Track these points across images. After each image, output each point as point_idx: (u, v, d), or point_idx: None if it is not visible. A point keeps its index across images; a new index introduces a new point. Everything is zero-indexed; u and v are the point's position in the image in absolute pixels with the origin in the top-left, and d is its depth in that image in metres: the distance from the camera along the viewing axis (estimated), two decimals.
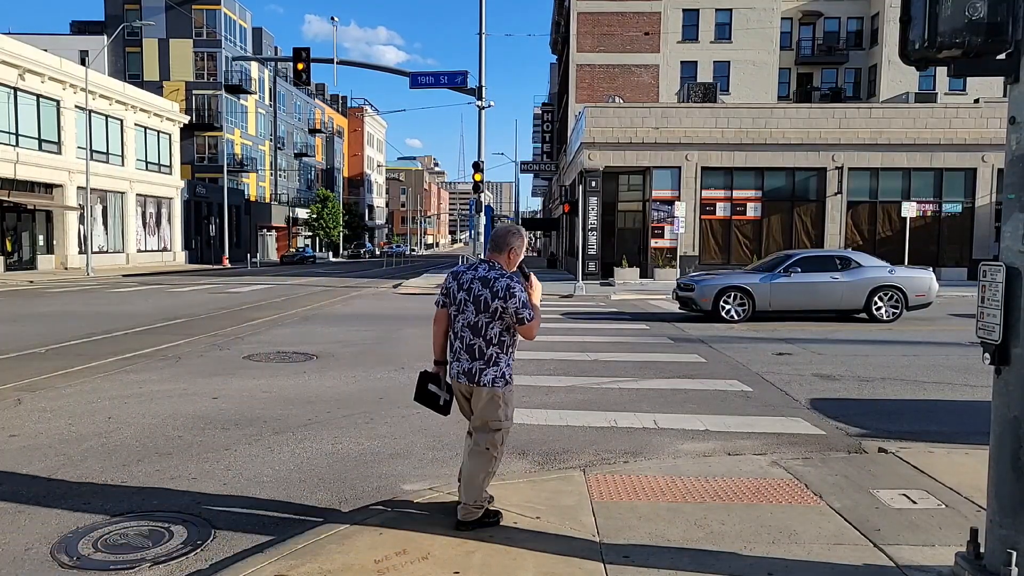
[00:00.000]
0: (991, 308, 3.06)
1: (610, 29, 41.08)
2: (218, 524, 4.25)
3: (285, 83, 66.61)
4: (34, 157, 33.10)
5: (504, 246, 3.92)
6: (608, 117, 28.25)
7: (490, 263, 3.92)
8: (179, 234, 47.53)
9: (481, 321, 3.83)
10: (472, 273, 3.90)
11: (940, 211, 28.19)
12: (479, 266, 3.93)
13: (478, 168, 24.40)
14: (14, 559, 3.80)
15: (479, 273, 3.88)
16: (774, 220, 28.37)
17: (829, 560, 3.62)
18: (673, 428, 6.42)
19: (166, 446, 5.83)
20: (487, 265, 3.91)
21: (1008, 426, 3.05)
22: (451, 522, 4.01)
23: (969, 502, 4.38)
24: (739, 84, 41.28)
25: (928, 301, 14.67)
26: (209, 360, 10.02)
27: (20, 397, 7.55)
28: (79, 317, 15.16)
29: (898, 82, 43.06)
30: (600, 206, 28.28)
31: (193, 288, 24.54)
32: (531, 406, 7.22)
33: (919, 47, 3.07)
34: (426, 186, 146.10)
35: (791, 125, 27.72)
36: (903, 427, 6.50)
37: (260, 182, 63.92)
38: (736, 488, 4.68)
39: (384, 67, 28.95)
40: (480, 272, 3.88)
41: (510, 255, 3.93)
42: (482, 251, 25.33)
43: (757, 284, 14.61)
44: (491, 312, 3.80)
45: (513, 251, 3.94)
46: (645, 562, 3.59)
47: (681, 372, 9.12)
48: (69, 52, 42.80)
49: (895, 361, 9.96)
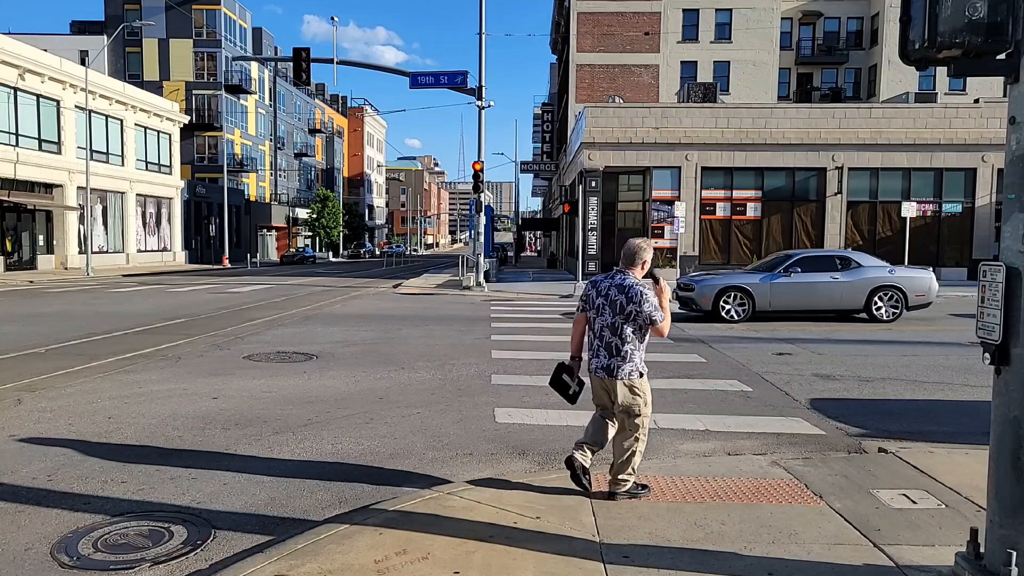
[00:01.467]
0: (991, 308, 3.06)
1: (610, 29, 41.07)
2: (218, 524, 4.25)
3: (285, 83, 66.61)
4: (34, 157, 33.10)
5: (637, 260, 4.49)
6: (608, 117, 28.25)
7: (623, 272, 4.49)
8: (179, 234, 47.53)
9: (617, 322, 4.38)
10: (609, 281, 4.49)
11: (940, 211, 28.18)
12: (615, 275, 4.52)
13: (478, 169, 24.39)
14: (14, 559, 3.80)
15: (615, 281, 4.47)
16: (774, 220, 28.36)
17: (829, 560, 3.62)
18: (673, 428, 6.42)
19: (166, 446, 5.83)
20: (622, 275, 4.48)
21: (1008, 426, 3.05)
22: (452, 522, 4.01)
23: (969, 502, 4.38)
24: (739, 84, 41.27)
25: (928, 301, 14.67)
26: (209, 360, 10.02)
27: (20, 397, 7.55)
28: (79, 317, 15.16)
29: (898, 82, 43.05)
30: (600, 206, 28.28)
31: (193, 288, 24.54)
32: (531, 406, 7.22)
33: (919, 47, 3.07)
34: (426, 186, 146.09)
35: (791, 125, 27.71)
36: (903, 427, 6.50)
37: (260, 182, 63.91)
38: (736, 488, 4.68)
39: (384, 67, 28.97)
40: (616, 280, 4.47)
41: (642, 266, 4.51)
42: (482, 251, 25.36)
43: (757, 284, 14.61)
44: (626, 314, 4.35)
45: (645, 263, 4.52)
46: (645, 562, 3.60)
47: (681, 372, 9.12)
48: (69, 52, 42.82)
49: (895, 361, 9.96)
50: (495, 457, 5.62)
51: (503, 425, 6.52)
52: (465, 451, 5.77)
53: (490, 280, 26.82)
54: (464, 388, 8.14)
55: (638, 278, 4.46)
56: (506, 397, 7.64)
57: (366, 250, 77.55)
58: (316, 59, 25.47)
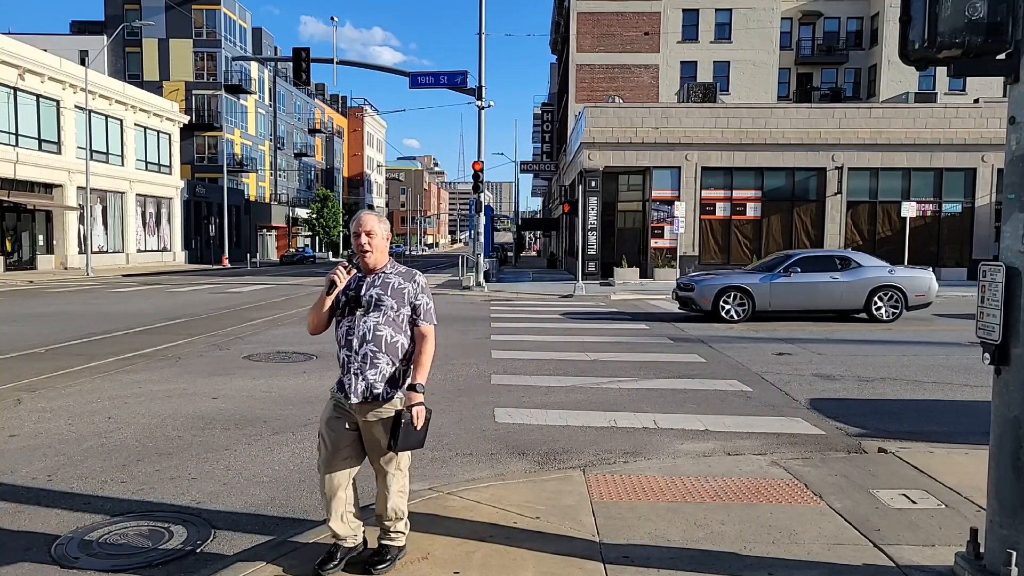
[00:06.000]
0: (991, 308, 3.06)
1: (610, 29, 41.08)
2: (218, 524, 4.25)
3: (285, 83, 66.61)
4: (34, 157, 33.10)
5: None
6: (608, 117, 28.25)
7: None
8: (179, 234, 47.53)
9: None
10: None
11: (940, 211, 28.19)
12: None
13: (478, 169, 24.38)
14: (14, 559, 3.80)
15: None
16: (774, 220, 28.37)
17: (829, 560, 3.62)
18: (673, 428, 6.42)
19: (166, 446, 5.83)
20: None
21: (1008, 426, 3.05)
22: (452, 522, 4.01)
23: (969, 502, 4.38)
24: (739, 84, 41.28)
25: (928, 301, 14.66)
26: (209, 360, 10.01)
27: (20, 397, 7.55)
28: (79, 317, 15.16)
29: (898, 82, 43.06)
30: (600, 206, 28.28)
31: (193, 288, 24.53)
32: (531, 406, 7.22)
33: (919, 47, 3.07)
34: (426, 186, 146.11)
35: (791, 125, 27.72)
36: (903, 427, 6.50)
37: (260, 182, 63.91)
38: (736, 488, 4.68)
39: (384, 67, 28.97)
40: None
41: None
42: (482, 251, 25.35)
43: (757, 284, 14.61)
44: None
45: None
46: (645, 562, 3.59)
47: (681, 372, 9.12)
48: (69, 52, 42.81)
49: (895, 361, 9.96)
50: (495, 457, 5.62)
51: (503, 425, 6.52)
52: (465, 451, 5.76)
53: (490, 280, 26.82)
54: (464, 388, 8.14)
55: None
56: (506, 397, 7.63)
57: None
58: (316, 59, 25.47)
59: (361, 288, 3.38)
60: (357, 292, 3.37)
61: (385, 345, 3.32)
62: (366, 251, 3.35)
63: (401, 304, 3.36)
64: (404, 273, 3.45)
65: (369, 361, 3.31)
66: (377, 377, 3.31)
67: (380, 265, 3.42)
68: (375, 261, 3.39)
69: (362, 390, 3.31)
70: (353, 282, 3.40)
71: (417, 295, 3.40)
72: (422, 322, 3.41)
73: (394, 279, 3.40)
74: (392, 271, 3.44)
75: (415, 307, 3.40)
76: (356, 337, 3.33)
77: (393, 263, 3.48)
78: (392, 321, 3.35)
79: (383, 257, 3.43)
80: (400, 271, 3.45)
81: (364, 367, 3.30)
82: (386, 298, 3.34)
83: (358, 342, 3.32)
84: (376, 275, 3.41)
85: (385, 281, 3.39)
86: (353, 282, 3.40)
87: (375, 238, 3.36)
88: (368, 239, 3.35)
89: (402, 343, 3.38)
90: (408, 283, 3.41)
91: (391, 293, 3.36)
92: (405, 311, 3.38)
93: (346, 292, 3.39)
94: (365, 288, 3.37)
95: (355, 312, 3.36)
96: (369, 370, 3.30)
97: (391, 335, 3.34)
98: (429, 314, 3.43)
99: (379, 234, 3.37)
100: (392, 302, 3.35)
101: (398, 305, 3.35)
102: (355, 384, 3.31)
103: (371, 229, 3.36)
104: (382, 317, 3.33)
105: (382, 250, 3.40)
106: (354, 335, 3.33)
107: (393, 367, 3.35)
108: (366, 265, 3.39)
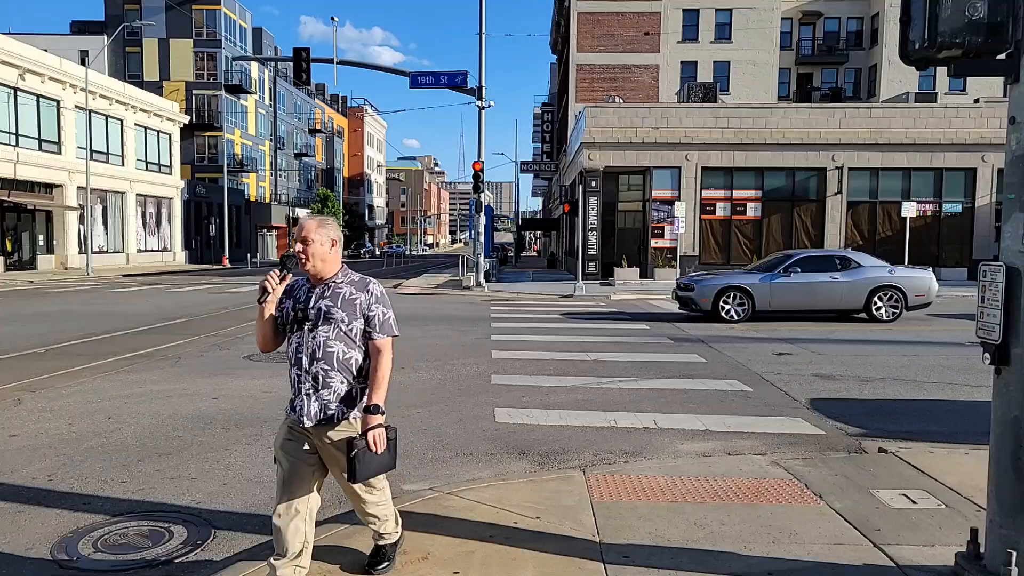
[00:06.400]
0: (991, 308, 3.06)
1: (610, 29, 41.08)
2: (218, 524, 4.25)
3: (285, 83, 66.59)
4: (34, 157, 33.10)
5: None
6: (608, 117, 28.25)
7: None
8: (179, 234, 47.52)
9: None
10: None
11: (940, 211, 28.18)
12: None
13: (478, 169, 24.38)
14: (14, 559, 3.80)
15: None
16: (774, 220, 28.36)
17: (829, 560, 3.62)
18: (673, 428, 6.42)
19: (166, 446, 5.83)
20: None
21: (1008, 426, 3.05)
22: (452, 522, 4.01)
23: (969, 502, 4.38)
24: (739, 84, 41.27)
25: (928, 301, 14.66)
26: (209, 360, 10.02)
27: (20, 397, 7.55)
28: (79, 317, 15.16)
29: (898, 82, 43.05)
30: (600, 206, 28.28)
31: (193, 288, 24.53)
32: (531, 406, 7.22)
33: (919, 47, 3.08)
34: (426, 186, 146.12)
35: (791, 125, 27.71)
36: (903, 427, 6.50)
37: (260, 182, 63.90)
38: (736, 488, 4.68)
39: (384, 67, 28.98)
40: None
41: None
42: (482, 251, 25.36)
43: (757, 284, 14.61)
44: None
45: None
46: (645, 562, 3.59)
47: (681, 372, 9.12)
48: (69, 52, 42.78)
49: (895, 361, 9.96)
50: (495, 457, 5.62)
51: (503, 425, 6.52)
52: (465, 451, 5.77)
53: (490, 280, 26.82)
54: (464, 388, 8.14)
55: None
56: (506, 397, 7.63)
57: (366, 250, 77.56)
58: (316, 59, 25.48)
59: (310, 300, 3.09)
60: (306, 304, 3.09)
61: (337, 362, 3.05)
62: (302, 260, 3.07)
63: (353, 316, 3.07)
64: (357, 282, 3.15)
65: (321, 380, 3.04)
66: (331, 397, 3.05)
67: (328, 274, 3.12)
68: (318, 270, 3.09)
69: (315, 412, 3.04)
70: (303, 294, 3.13)
71: (371, 305, 3.10)
72: (377, 335, 3.09)
73: (345, 289, 3.11)
74: (344, 280, 3.14)
75: (368, 319, 3.09)
76: (306, 354, 3.05)
77: (346, 271, 3.20)
78: (344, 335, 3.06)
79: (329, 266, 3.12)
80: (353, 280, 3.16)
81: (316, 387, 3.04)
82: (336, 310, 3.05)
83: (308, 359, 3.05)
84: (326, 285, 3.12)
85: (335, 292, 3.10)
86: (303, 294, 3.13)
87: (311, 246, 3.05)
88: (304, 247, 3.06)
89: (356, 359, 3.10)
90: (360, 293, 3.11)
91: (341, 305, 3.07)
92: (358, 324, 3.08)
93: (295, 305, 3.11)
94: (314, 300, 3.09)
95: (304, 326, 3.07)
96: (322, 390, 3.04)
97: (343, 351, 3.06)
98: (386, 326, 3.12)
99: (317, 241, 3.06)
100: (342, 314, 3.05)
101: (349, 318, 3.06)
102: (308, 406, 3.05)
103: (306, 236, 3.07)
104: (332, 331, 3.05)
105: (323, 258, 3.09)
106: (303, 352, 3.06)
107: (348, 385, 3.09)
108: (311, 275, 3.12)
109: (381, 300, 3.15)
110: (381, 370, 3.07)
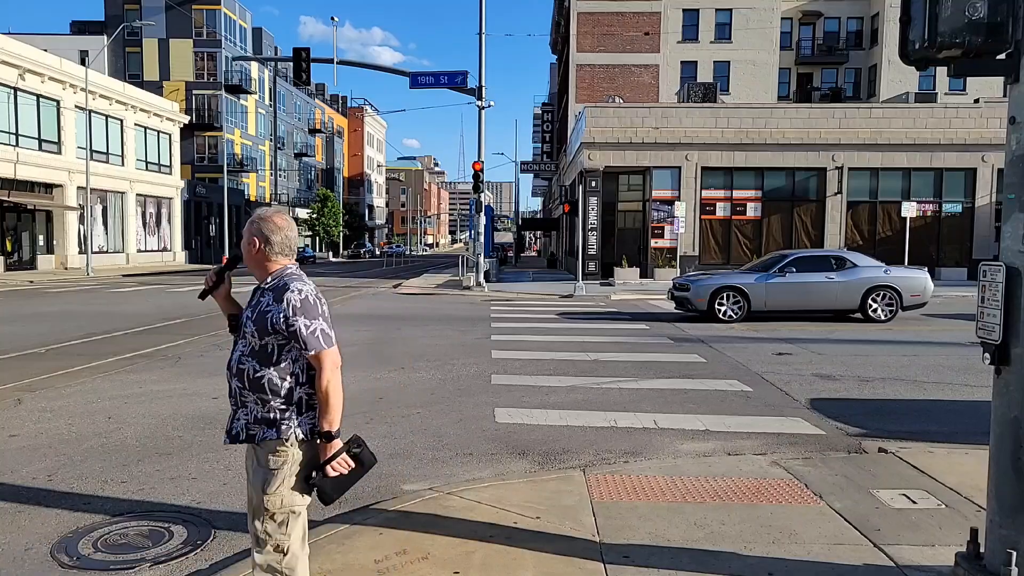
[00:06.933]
0: (991, 308, 3.06)
1: (610, 29, 41.08)
2: (218, 524, 4.25)
3: (285, 83, 66.59)
4: (34, 157, 33.10)
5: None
6: (608, 117, 28.25)
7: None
8: (179, 234, 47.52)
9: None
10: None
11: (940, 211, 28.18)
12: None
13: (478, 169, 24.39)
14: (14, 559, 3.80)
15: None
16: (774, 220, 28.36)
17: (829, 560, 3.62)
18: (673, 428, 6.42)
19: (166, 446, 5.83)
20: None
21: (1008, 426, 3.05)
22: (452, 522, 4.01)
23: (969, 502, 4.38)
24: (739, 84, 41.27)
25: (923, 301, 14.66)
26: (209, 360, 10.02)
27: (20, 397, 7.55)
28: (79, 317, 15.16)
29: (898, 82, 43.05)
30: (600, 206, 28.28)
31: (193, 288, 24.51)
32: (531, 406, 7.22)
33: (919, 47, 3.07)
34: (426, 186, 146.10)
35: (791, 125, 27.72)
36: (903, 427, 6.50)
37: (260, 182, 63.90)
38: (736, 488, 4.68)
39: (384, 67, 28.99)
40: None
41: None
42: (482, 251, 25.36)
43: (752, 284, 14.60)
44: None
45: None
46: (645, 562, 3.60)
47: (681, 372, 9.12)
48: (69, 52, 42.78)
49: (895, 361, 9.96)
50: (495, 457, 5.62)
51: (503, 425, 6.52)
52: (465, 451, 5.77)
53: (490, 280, 26.82)
54: (464, 388, 8.14)
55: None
56: (506, 397, 7.63)
57: (366, 250, 77.55)
58: (316, 59, 25.48)
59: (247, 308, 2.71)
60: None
61: (248, 381, 2.61)
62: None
63: (265, 332, 2.57)
64: (277, 289, 2.61)
65: (237, 398, 2.67)
66: (249, 419, 2.63)
67: (259, 278, 2.70)
68: (252, 271, 2.70)
69: (236, 432, 2.67)
70: (253, 297, 2.72)
71: (289, 320, 2.53)
72: (308, 351, 2.55)
73: (265, 298, 2.62)
74: (269, 285, 2.66)
75: (291, 334, 2.54)
76: (228, 368, 2.71)
77: (278, 275, 2.67)
78: (255, 352, 2.60)
79: (257, 269, 2.69)
80: (275, 286, 2.63)
81: (235, 404, 2.68)
82: (249, 323, 2.62)
83: (228, 373, 2.70)
84: (258, 290, 2.69)
85: (258, 300, 2.65)
86: (253, 297, 2.72)
87: (243, 243, 2.70)
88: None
89: (271, 378, 2.58)
90: (274, 304, 2.56)
91: (256, 317, 2.60)
92: (272, 340, 2.57)
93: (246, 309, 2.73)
94: (246, 307, 2.72)
95: (236, 335, 2.75)
96: (240, 409, 2.66)
97: (254, 369, 2.59)
98: (312, 340, 2.54)
99: (244, 239, 2.69)
100: (252, 328, 2.60)
101: (260, 333, 2.58)
102: (229, 423, 2.71)
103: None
104: (245, 347, 2.63)
105: (249, 258, 2.69)
106: (230, 364, 2.70)
107: (264, 406, 2.60)
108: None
109: (301, 310, 2.55)
110: (323, 390, 2.57)
